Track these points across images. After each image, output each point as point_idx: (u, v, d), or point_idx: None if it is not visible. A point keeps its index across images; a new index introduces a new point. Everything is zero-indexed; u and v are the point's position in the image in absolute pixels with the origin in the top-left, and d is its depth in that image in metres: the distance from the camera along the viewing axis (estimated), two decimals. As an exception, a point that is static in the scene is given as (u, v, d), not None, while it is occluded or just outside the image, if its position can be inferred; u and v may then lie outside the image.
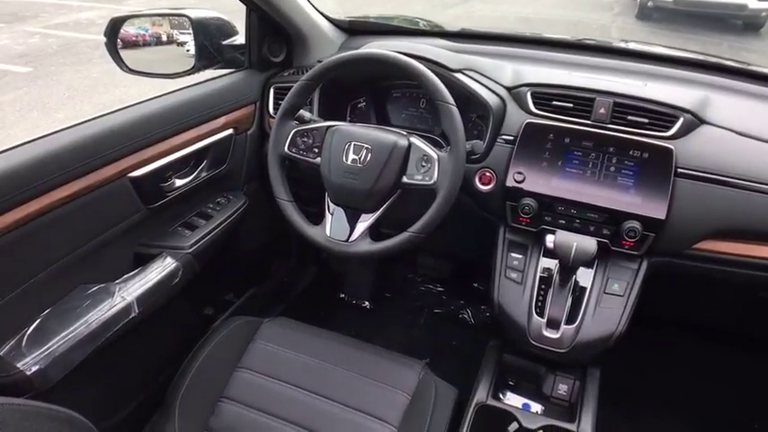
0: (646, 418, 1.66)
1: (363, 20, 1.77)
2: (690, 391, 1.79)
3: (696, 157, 1.19)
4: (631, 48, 1.56)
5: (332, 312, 2.12)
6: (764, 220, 1.17)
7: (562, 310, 1.23)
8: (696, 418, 1.71)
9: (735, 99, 1.36)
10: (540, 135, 1.26)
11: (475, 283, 2.17)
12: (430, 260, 2.18)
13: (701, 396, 1.78)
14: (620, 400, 1.41)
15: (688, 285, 1.37)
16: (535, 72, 1.35)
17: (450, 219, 1.16)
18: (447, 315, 2.13)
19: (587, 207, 1.22)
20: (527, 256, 1.30)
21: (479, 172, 1.31)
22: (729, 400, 1.79)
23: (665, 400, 1.75)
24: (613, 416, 1.31)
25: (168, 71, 1.49)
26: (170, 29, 1.53)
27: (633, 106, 1.23)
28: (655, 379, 1.80)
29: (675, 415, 1.71)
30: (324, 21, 1.66)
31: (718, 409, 1.76)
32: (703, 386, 1.81)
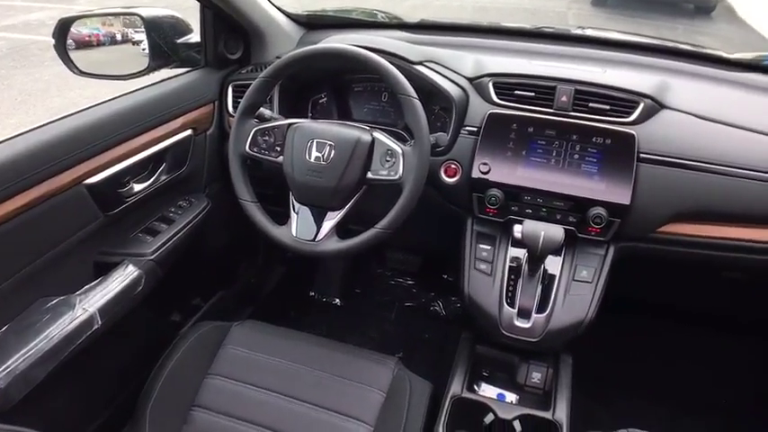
0: (619, 400, 1.68)
1: (321, 14, 1.74)
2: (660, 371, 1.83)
3: (657, 142, 1.21)
4: (589, 34, 1.58)
5: (302, 311, 2.10)
6: (725, 201, 1.20)
7: (532, 299, 1.23)
8: (667, 397, 1.75)
9: (692, 83, 1.39)
10: (504, 125, 1.26)
11: (445, 275, 2.17)
12: (399, 254, 2.18)
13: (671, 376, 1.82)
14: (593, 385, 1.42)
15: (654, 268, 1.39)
16: (496, 62, 1.35)
17: (417, 212, 1.15)
18: (418, 308, 2.13)
19: (553, 195, 1.22)
20: (495, 246, 1.30)
21: (444, 164, 1.30)
22: (699, 378, 1.83)
23: (637, 381, 1.78)
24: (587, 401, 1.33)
25: (122, 72, 1.44)
26: (124, 27, 1.48)
27: (594, 93, 1.24)
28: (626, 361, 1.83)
29: (647, 395, 1.75)
30: (281, 16, 1.63)
31: (687, 387, 1.80)
32: (673, 366, 1.85)
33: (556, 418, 1.17)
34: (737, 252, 1.24)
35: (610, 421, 1.17)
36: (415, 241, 1.86)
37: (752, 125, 1.24)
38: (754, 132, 1.23)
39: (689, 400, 1.76)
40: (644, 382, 1.78)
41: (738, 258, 1.25)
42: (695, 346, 1.87)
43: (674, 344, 1.89)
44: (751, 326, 1.85)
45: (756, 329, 1.85)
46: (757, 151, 1.20)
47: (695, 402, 1.75)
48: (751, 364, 1.88)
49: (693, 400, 1.76)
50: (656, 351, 1.87)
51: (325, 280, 2.16)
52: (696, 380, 1.82)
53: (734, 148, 1.21)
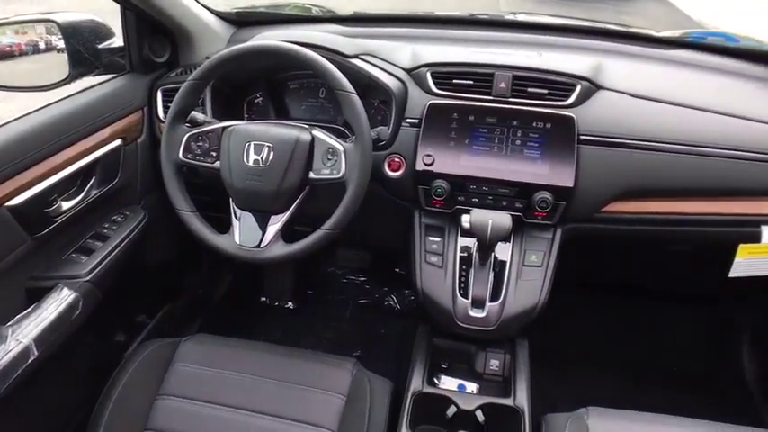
0: (577, 378, 1.72)
1: (252, 10, 1.68)
2: (614, 345, 1.88)
3: (596, 123, 1.22)
4: (522, 20, 1.58)
5: (254, 318, 2.05)
6: (664, 177, 1.23)
7: (485, 288, 1.23)
8: (623, 369, 1.80)
9: (625, 62, 1.41)
10: (445, 115, 1.25)
11: (397, 269, 2.16)
12: (349, 251, 2.15)
13: (625, 348, 1.87)
14: (550, 365, 1.45)
15: (602, 247, 1.42)
16: (433, 51, 1.33)
17: (363, 209, 1.12)
18: (372, 304, 2.11)
19: (498, 183, 1.22)
20: (445, 238, 1.29)
21: (388, 158, 1.28)
22: (651, 348, 1.89)
23: (592, 357, 1.82)
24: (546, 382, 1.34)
25: (42, 83, 1.35)
26: (48, 35, 1.39)
27: (532, 78, 1.24)
28: (580, 338, 1.87)
29: (603, 369, 1.79)
30: (208, 14, 1.56)
31: (641, 358, 1.85)
32: (626, 339, 1.90)
33: (517, 404, 1.18)
34: (680, 226, 1.28)
35: (570, 400, 1.19)
36: (364, 237, 1.84)
37: (684, 101, 1.27)
38: (686, 108, 1.26)
39: (643, 370, 1.81)
40: (599, 358, 1.82)
41: (681, 232, 1.29)
42: (646, 318, 1.93)
43: (626, 318, 1.94)
44: (696, 296, 1.92)
45: (701, 299, 1.92)
46: (691, 126, 1.23)
47: (649, 372, 1.81)
48: (697, 332, 1.95)
49: (647, 369, 1.81)
50: (608, 326, 1.92)
51: (276, 284, 2.11)
52: (648, 350, 1.87)
53: (669, 124, 1.23)
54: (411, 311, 2.06)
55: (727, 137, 1.23)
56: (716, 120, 1.25)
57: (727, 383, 1.79)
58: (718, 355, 1.87)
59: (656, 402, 1.23)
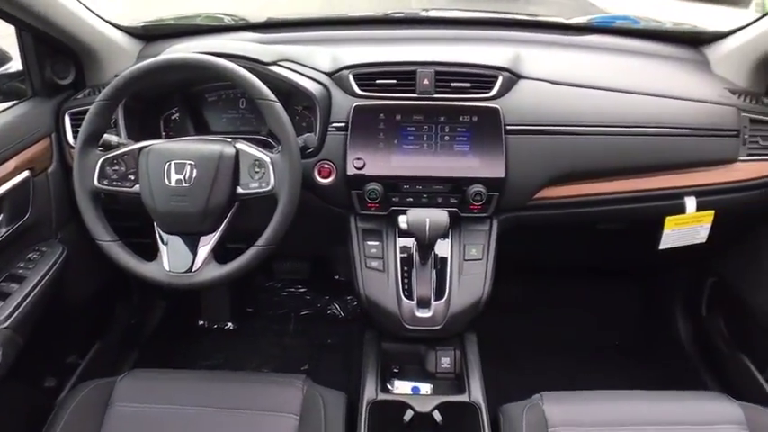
0: (525, 363, 1.74)
1: (159, 23, 1.61)
2: (558, 328, 1.92)
3: (520, 112, 1.24)
4: (438, 15, 1.59)
5: (194, 344, 1.96)
6: (589, 159, 1.26)
7: (429, 288, 1.22)
8: (567, 348, 1.84)
9: (541, 51, 1.44)
10: (371, 117, 1.23)
11: (336, 276, 2.13)
12: (286, 264, 2.09)
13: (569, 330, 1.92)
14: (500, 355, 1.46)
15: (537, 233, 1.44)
16: (353, 53, 1.31)
17: (297, 218, 1.09)
18: (316, 315, 2.07)
19: (431, 180, 1.22)
20: (383, 241, 1.27)
21: (317, 165, 1.25)
22: (591, 326, 1.94)
23: (538, 340, 1.86)
24: (498, 372, 1.35)
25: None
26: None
27: (454, 73, 1.24)
28: (525, 324, 1.90)
29: (549, 351, 1.83)
30: (113, 30, 1.48)
31: (583, 335, 1.90)
32: (569, 321, 1.95)
33: (472, 399, 1.17)
34: (609, 205, 1.32)
35: (523, 387, 1.20)
36: (300, 248, 1.80)
37: (601, 84, 1.31)
38: (604, 90, 1.30)
39: (589, 349, 1.86)
40: (546, 342, 1.86)
41: (612, 211, 1.33)
42: (585, 298, 1.98)
43: (566, 299, 1.98)
44: (630, 271, 1.99)
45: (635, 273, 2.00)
46: (610, 108, 1.27)
47: (594, 350, 1.86)
48: (635, 306, 2.02)
49: (592, 348, 1.86)
50: (550, 309, 1.96)
51: (213, 305, 2.03)
52: (591, 329, 1.93)
53: (589, 107, 1.27)
54: (355, 317, 2.03)
55: (644, 115, 1.27)
56: (633, 100, 1.30)
57: (667, 352, 1.87)
58: (655, 326, 1.94)
59: (604, 379, 1.27)
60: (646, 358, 1.84)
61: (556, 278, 1.94)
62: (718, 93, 1.35)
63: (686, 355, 1.82)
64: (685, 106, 1.31)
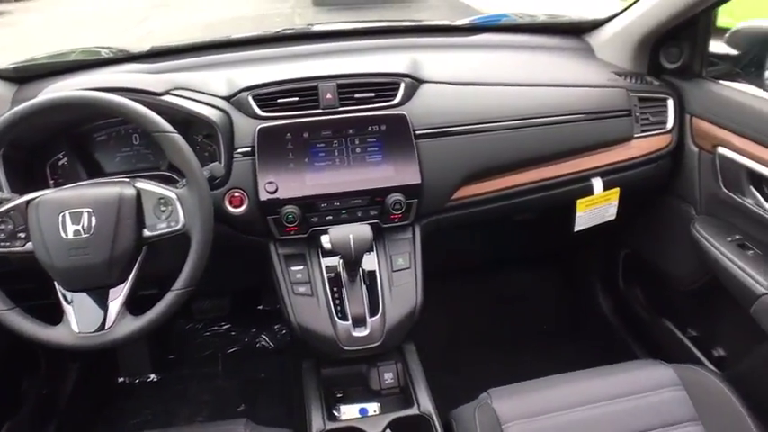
0: (466, 362, 1.75)
1: (31, 63, 1.47)
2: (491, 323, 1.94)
3: (427, 116, 1.24)
4: (330, 29, 1.57)
5: (116, 405, 1.80)
6: (499, 154, 1.29)
7: (362, 305, 1.19)
8: (502, 341, 1.87)
9: (436, 54, 1.46)
10: (278, 138, 1.18)
11: (260, 306, 2.04)
12: (205, 302, 1.98)
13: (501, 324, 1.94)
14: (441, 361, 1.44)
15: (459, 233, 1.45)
16: (250, 74, 1.26)
17: (213, 254, 1.02)
18: (244, 351, 1.97)
19: (348, 195, 1.19)
20: (307, 264, 1.22)
21: (227, 195, 1.18)
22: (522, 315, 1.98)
23: (476, 340, 1.87)
24: (442, 378, 1.33)
25: None
26: None
27: (356, 84, 1.23)
28: (460, 326, 1.90)
29: (486, 346, 1.85)
30: (-21, 76, 1.34)
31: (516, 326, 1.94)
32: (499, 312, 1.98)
33: (422, 410, 1.15)
34: (524, 196, 1.35)
35: (468, 388, 1.19)
36: (219, 284, 1.71)
37: (499, 80, 1.35)
38: (502, 86, 1.33)
39: (520, 337, 1.90)
40: (482, 339, 1.88)
41: (526, 201, 1.36)
42: (509, 288, 2.02)
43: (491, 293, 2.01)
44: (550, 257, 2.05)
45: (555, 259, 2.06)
46: (511, 102, 1.31)
47: (525, 337, 1.91)
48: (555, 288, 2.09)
49: (523, 335, 1.90)
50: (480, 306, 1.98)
51: (131, 359, 1.88)
52: (519, 317, 1.97)
53: (492, 104, 1.30)
54: (286, 347, 1.95)
55: (541, 106, 1.32)
56: (529, 92, 1.35)
57: (594, 328, 1.94)
58: (580, 305, 2.02)
59: (541, 364, 1.28)
60: (576, 337, 1.90)
61: (481, 275, 1.97)
62: (605, 77, 1.43)
63: (612, 328, 1.89)
64: (578, 93, 1.37)
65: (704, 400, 1.11)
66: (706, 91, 1.39)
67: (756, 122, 1.23)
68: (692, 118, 1.40)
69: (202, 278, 1.02)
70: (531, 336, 1.92)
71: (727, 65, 1.38)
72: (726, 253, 1.25)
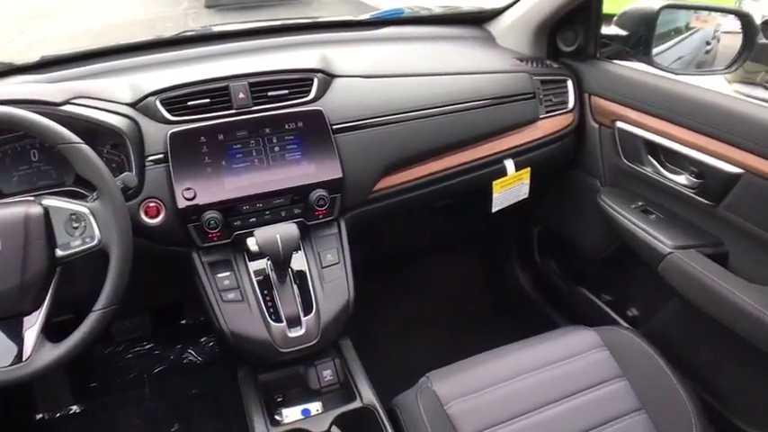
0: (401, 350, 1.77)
1: None
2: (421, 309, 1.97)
3: (343, 110, 1.24)
4: (233, 29, 1.53)
5: None
6: (415, 143, 1.32)
7: (295, 305, 1.17)
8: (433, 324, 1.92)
9: (345, 48, 1.47)
10: (191, 142, 1.14)
11: (183, 321, 1.96)
12: (125, 322, 1.88)
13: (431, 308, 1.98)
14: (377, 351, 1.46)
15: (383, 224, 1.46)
16: (155, 78, 1.20)
17: (131, 270, 0.97)
18: (171, 368, 1.88)
19: (271, 195, 1.17)
20: (234, 269, 1.19)
21: (142, 206, 1.13)
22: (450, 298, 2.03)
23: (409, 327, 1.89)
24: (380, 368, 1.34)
25: None
26: None
27: (269, 82, 1.21)
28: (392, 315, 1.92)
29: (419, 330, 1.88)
30: None
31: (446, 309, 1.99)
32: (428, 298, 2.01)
33: (365, 402, 1.15)
34: (441, 182, 1.38)
35: (407, 375, 1.21)
36: (139, 301, 1.62)
37: (408, 71, 1.37)
38: (412, 77, 1.36)
39: (450, 318, 1.96)
40: (412, 324, 1.91)
41: (446, 186, 1.40)
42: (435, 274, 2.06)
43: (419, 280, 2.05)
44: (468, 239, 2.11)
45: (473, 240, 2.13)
46: (422, 91, 1.34)
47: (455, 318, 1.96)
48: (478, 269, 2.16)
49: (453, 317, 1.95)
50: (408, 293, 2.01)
51: (49, 391, 1.75)
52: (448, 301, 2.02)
53: (404, 94, 1.32)
54: (215, 358, 1.89)
55: (450, 93, 1.36)
56: (437, 81, 1.39)
57: (517, 303, 2.02)
58: (502, 282, 2.09)
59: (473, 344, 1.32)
60: (502, 314, 1.98)
61: (407, 263, 2.00)
62: (509, 63, 1.49)
63: (533, 301, 1.98)
64: (484, 79, 1.42)
65: (626, 358, 1.19)
66: (601, 70, 1.48)
67: (648, 96, 1.33)
68: (591, 96, 1.49)
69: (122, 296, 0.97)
70: (460, 317, 1.97)
71: (618, 45, 1.47)
72: (631, 219, 1.35)
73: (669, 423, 1.09)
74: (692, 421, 1.08)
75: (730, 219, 1.18)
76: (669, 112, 1.27)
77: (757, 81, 3.67)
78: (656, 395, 1.13)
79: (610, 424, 1.09)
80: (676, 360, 1.20)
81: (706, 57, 1.80)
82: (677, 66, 1.54)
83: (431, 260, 1.94)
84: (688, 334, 1.35)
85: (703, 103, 1.21)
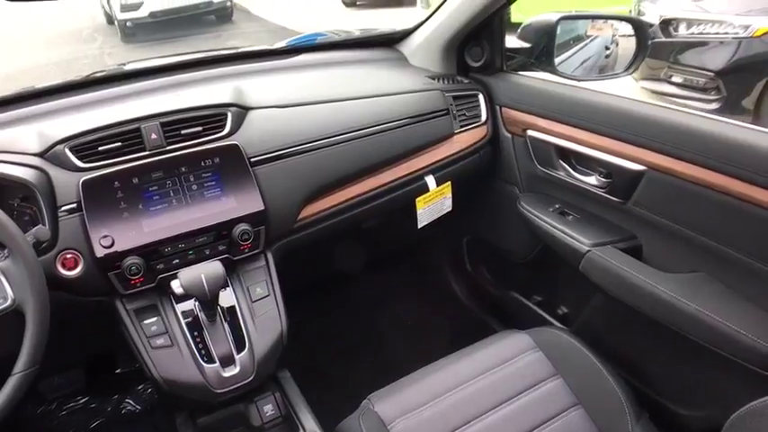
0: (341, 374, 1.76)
1: None
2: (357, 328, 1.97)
3: (260, 142, 1.25)
4: (143, 67, 1.51)
5: None
6: (335, 168, 1.33)
7: (228, 343, 1.15)
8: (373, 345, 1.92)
9: (259, 79, 1.47)
10: (105, 188, 1.11)
11: (117, 370, 1.89)
12: (55, 379, 1.79)
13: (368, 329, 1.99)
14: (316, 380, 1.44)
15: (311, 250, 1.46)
16: (62, 125, 1.17)
17: (54, 325, 0.94)
18: (110, 421, 1.80)
19: (192, 234, 1.15)
20: (161, 314, 1.16)
21: (59, 258, 1.09)
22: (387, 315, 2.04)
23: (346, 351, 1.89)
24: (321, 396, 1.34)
25: None
26: None
27: (181, 120, 1.20)
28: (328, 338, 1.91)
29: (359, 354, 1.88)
30: None
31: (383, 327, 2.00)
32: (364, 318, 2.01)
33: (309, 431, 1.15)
34: (365, 204, 1.41)
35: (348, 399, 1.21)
36: (68, 355, 1.56)
37: (323, 97, 1.39)
38: (328, 103, 1.38)
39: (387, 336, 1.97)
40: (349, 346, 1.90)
41: (371, 208, 1.42)
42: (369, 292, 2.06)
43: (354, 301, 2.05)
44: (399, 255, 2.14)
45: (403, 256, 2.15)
46: (339, 117, 1.36)
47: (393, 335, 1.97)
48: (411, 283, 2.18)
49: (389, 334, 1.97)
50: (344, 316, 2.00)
51: None
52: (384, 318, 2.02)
53: (320, 121, 1.34)
54: (156, 405, 1.83)
55: (366, 116, 1.39)
56: (353, 105, 1.41)
57: (452, 312, 2.05)
58: (435, 294, 2.12)
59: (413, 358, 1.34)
60: (438, 325, 2.00)
61: (340, 285, 2.00)
62: (421, 81, 1.53)
63: (467, 309, 2.02)
64: (398, 99, 1.46)
65: (559, 357, 1.23)
66: (509, 83, 1.55)
67: (554, 104, 1.39)
68: (502, 108, 1.55)
69: (47, 354, 0.93)
70: (397, 334, 1.99)
71: (522, 57, 1.54)
72: (550, 221, 1.40)
73: (604, 413, 1.14)
74: (624, 409, 1.12)
75: (640, 213, 1.25)
76: (574, 117, 1.34)
77: (661, 77, 3.91)
78: (589, 389, 1.18)
79: (549, 423, 1.13)
80: (606, 352, 1.25)
81: (607, 61, 1.91)
82: (580, 72, 1.63)
83: (363, 279, 1.95)
84: (614, 326, 1.42)
85: (604, 106, 1.29)
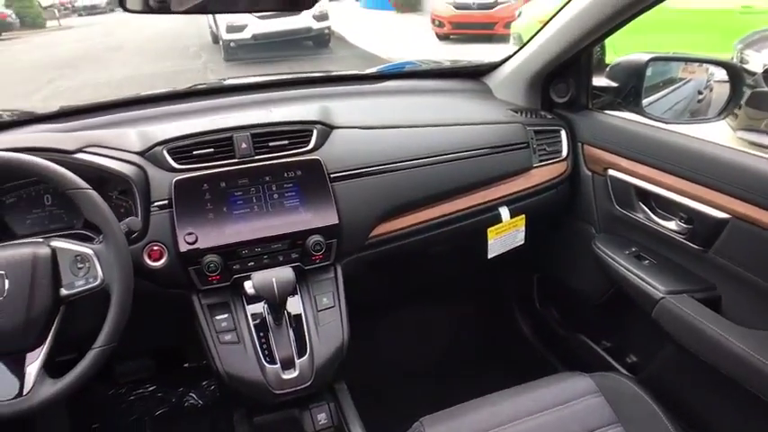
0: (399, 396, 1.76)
1: None
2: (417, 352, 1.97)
3: (341, 159, 1.30)
4: (241, 83, 1.61)
5: None
6: (411, 190, 1.36)
7: (290, 347, 1.20)
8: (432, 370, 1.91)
9: (347, 101, 1.54)
10: (195, 189, 1.20)
11: (186, 364, 1.98)
12: (129, 364, 1.90)
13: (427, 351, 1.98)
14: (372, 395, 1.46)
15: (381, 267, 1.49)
16: (163, 129, 1.28)
17: (134, 312, 1.01)
18: (173, 411, 1.89)
19: (268, 240, 1.21)
20: (232, 311, 1.22)
21: (146, 249, 1.18)
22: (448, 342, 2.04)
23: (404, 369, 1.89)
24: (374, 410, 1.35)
25: None
26: None
27: (270, 133, 1.27)
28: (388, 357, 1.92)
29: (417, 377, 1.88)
30: None
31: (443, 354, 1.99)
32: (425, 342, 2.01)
33: None
34: (436, 229, 1.42)
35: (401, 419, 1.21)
36: (142, 343, 1.66)
37: (406, 122, 1.43)
38: (409, 128, 1.42)
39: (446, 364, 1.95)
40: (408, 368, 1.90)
41: (441, 233, 1.43)
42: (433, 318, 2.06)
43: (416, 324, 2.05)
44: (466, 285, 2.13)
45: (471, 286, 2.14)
46: (419, 142, 1.39)
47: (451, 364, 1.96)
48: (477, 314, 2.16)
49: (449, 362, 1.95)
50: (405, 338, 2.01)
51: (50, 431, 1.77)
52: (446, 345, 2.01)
53: (401, 144, 1.38)
54: (217, 401, 1.90)
55: (447, 143, 1.41)
56: (435, 132, 1.44)
57: (516, 348, 2.02)
58: (501, 328, 2.09)
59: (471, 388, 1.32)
60: (500, 359, 1.97)
61: (404, 307, 2.01)
62: (503, 114, 1.55)
63: (532, 347, 1.98)
64: (480, 130, 1.47)
65: (621, 404, 1.19)
66: (593, 120, 1.53)
67: (638, 145, 1.37)
68: (584, 145, 1.53)
69: (125, 338, 1.01)
70: (456, 363, 1.97)
71: (609, 96, 1.52)
72: (625, 265, 1.36)
73: None
74: None
75: (721, 264, 1.20)
76: (658, 159, 1.31)
77: (762, 128, 3.71)
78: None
79: None
80: (672, 405, 1.19)
81: (699, 106, 1.84)
82: (670, 115, 1.58)
83: (428, 304, 1.96)
84: (683, 379, 1.35)
85: (690, 150, 1.25)
